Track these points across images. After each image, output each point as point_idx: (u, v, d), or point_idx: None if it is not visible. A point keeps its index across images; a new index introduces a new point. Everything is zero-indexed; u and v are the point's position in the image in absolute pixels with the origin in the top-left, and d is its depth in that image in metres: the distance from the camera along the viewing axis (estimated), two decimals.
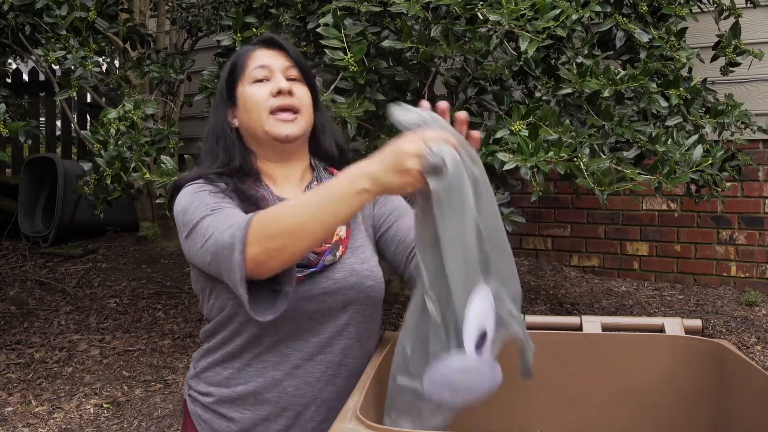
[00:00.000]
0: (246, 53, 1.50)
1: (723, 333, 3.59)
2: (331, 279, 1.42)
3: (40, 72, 6.25)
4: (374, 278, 1.46)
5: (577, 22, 2.60)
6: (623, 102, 2.85)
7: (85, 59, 3.03)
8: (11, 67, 5.90)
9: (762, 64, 3.57)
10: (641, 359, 1.57)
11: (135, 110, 2.81)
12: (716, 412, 1.50)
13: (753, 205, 4.23)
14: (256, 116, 1.44)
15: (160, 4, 4.57)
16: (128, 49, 3.81)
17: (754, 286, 4.19)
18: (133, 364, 3.46)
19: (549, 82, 2.81)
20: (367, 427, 1.05)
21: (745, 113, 3.07)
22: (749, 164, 3.45)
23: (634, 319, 1.81)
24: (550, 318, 1.71)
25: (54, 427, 2.95)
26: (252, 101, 1.45)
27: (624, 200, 4.46)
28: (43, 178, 5.66)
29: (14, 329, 3.89)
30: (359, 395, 1.19)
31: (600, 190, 2.42)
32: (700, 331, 1.60)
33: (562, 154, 2.36)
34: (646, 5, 3.07)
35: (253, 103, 1.45)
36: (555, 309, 3.92)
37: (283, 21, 2.94)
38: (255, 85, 1.46)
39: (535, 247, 4.88)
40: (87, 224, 5.30)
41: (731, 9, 3.38)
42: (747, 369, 1.37)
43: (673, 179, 2.48)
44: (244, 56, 1.50)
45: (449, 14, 2.62)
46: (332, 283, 1.42)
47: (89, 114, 6.49)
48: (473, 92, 2.93)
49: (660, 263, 4.49)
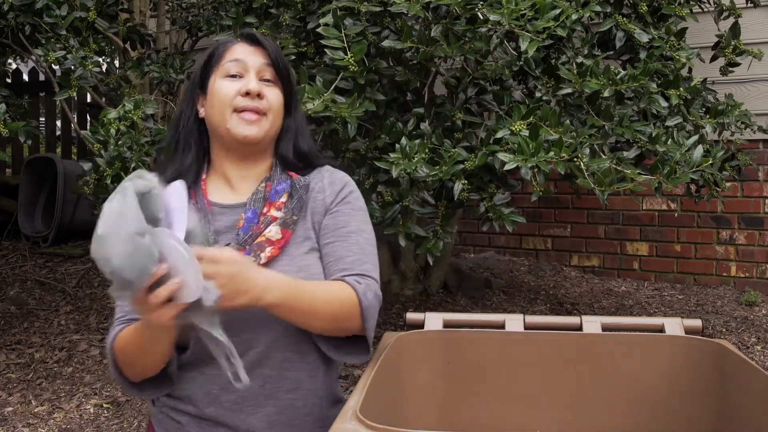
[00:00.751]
0: (225, 45, 1.48)
1: (723, 333, 3.59)
2: None
3: (40, 72, 6.25)
4: None
5: (577, 22, 2.60)
6: (623, 102, 2.85)
7: (85, 59, 3.03)
8: (11, 67, 5.89)
9: (762, 64, 3.56)
10: (641, 359, 1.57)
11: (135, 110, 2.81)
12: (716, 412, 1.50)
13: (753, 205, 4.23)
14: (220, 112, 1.42)
15: (160, 4, 4.57)
16: (128, 49, 3.81)
17: (754, 286, 4.19)
18: None
19: (549, 82, 2.81)
20: (367, 427, 1.05)
21: (745, 113, 3.07)
22: (749, 164, 3.44)
23: (634, 319, 1.81)
24: (550, 318, 1.71)
25: (54, 427, 2.95)
26: (219, 96, 1.43)
27: (624, 200, 4.46)
28: (43, 178, 5.65)
29: (14, 329, 3.89)
30: (359, 395, 1.19)
31: (600, 190, 2.42)
32: (700, 331, 1.60)
33: (563, 154, 2.36)
34: (646, 5, 3.07)
35: (219, 99, 1.43)
36: (555, 309, 3.92)
37: (283, 21, 2.93)
38: (226, 80, 1.43)
39: (535, 247, 4.88)
40: (87, 224, 5.24)
41: (731, 9, 3.38)
42: (747, 369, 1.37)
43: (674, 179, 2.48)
44: (223, 47, 1.48)
45: (449, 14, 2.62)
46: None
47: (89, 114, 6.48)
48: (473, 92, 2.93)
49: (660, 263, 4.49)
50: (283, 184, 1.45)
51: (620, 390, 1.58)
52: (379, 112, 2.77)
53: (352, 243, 1.43)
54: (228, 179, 1.48)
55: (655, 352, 1.57)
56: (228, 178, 1.48)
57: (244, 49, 1.47)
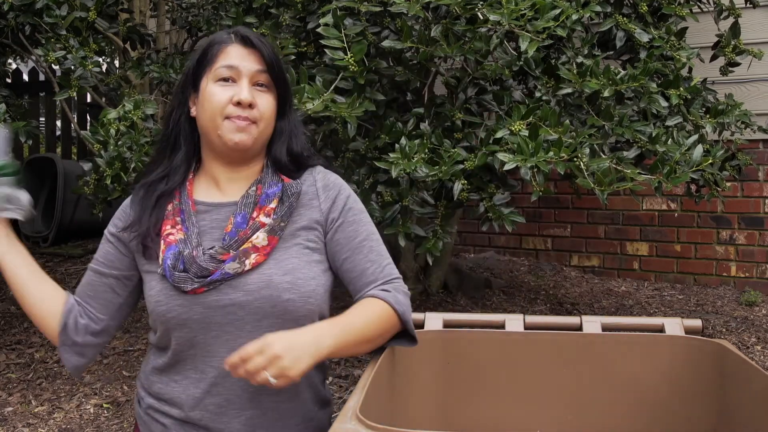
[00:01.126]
0: (219, 46, 1.44)
1: (723, 333, 3.59)
2: (241, 290, 1.37)
3: (40, 72, 6.25)
4: (295, 291, 1.38)
5: (577, 22, 2.59)
6: (623, 102, 2.85)
7: (85, 59, 3.03)
8: (11, 67, 5.89)
9: (762, 64, 3.56)
10: (641, 359, 1.57)
11: (135, 110, 2.81)
12: (716, 412, 1.50)
13: (753, 205, 4.23)
14: (211, 118, 1.41)
15: (160, 4, 4.57)
16: (128, 49, 3.81)
17: (754, 286, 4.19)
18: (133, 364, 3.46)
19: (549, 82, 2.81)
20: (367, 427, 1.05)
21: (745, 113, 3.07)
22: (749, 164, 3.44)
23: (634, 319, 1.81)
24: (550, 318, 1.71)
25: (54, 427, 2.95)
26: (210, 103, 1.41)
27: (624, 200, 4.46)
28: (43, 178, 5.65)
29: (14, 329, 3.89)
30: (359, 395, 1.19)
31: (600, 190, 2.42)
32: (700, 331, 1.60)
33: (562, 154, 2.36)
34: (646, 5, 3.07)
35: (210, 105, 1.41)
36: (555, 309, 3.92)
37: (283, 21, 2.93)
38: (218, 84, 1.41)
39: (535, 247, 4.88)
40: (87, 224, 5.29)
41: (731, 9, 3.38)
42: (747, 369, 1.37)
43: (674, 179, 2.48)
44: (217, 48, 1.44)
45: (449, 14, 2.62)
46: (242, 294, 1.37)
47: (89, 114, 6.48)
48: (473, 92, 2.92)
49: (660, 263, 4.49)
50: (274, 188, 1.43)
51: (620, 390, 1.58)
52: (379, 112, 2.77)
53: (368, 251, 1.45)
54: (216, 181, 1.47)
55: (655, 352, 1.57)
56: (216, 179, 1.47)
57: (237, 52, 1.43)
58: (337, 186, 1.48)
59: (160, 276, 1.40)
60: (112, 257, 1.49)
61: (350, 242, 1.45)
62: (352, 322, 1.35)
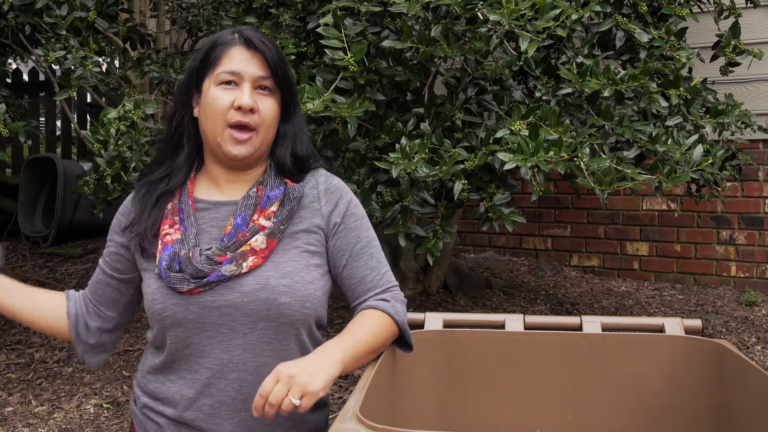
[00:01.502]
0: (223, 47, 1.42)
1: (723, 333, 3.59)
2: (237, 291, 1.37)
3: (40, 72, 6.25)
4: (291, 295, 1.37)
5: (577, 22, 2.59)
6: (623, 102, 2.85)
7: (85, 59, 3.03)
8: (11, 67, 5.89)
9: (762, 64, 3.56)
10: (641, 359, 1.57)
11: (135, 110, 2.81)
12: (716, 412, 1.50)
13: (753, 205, 4.23)
14: (213, 123, 1.40)
15: (160, 4, 4.57)
16: (128, 49, 3.81)
17: (754, 286, 4.19)
18: (133, 364, 3.46)
19: (549, 82, 2.81)
20: (367, 427, 1.05)
21: (745, 113, 3.07)
22: (749, 164, 3.44)
23: (634, 319, 1.81)
24: (550, 318, 1.71)
25: (54, 427, 2.95)
26: (212, 107, 1.40)
27: (624, 200, 4.46)
28: (43, 178, 5.65)
29: (14, 329, 3.89)
30: (359, 395, 1.19)
31: (600, 189, 2.42)
32: (700, 331, 1.60)
33: (563, 154, 2.36)
34: (646, 5, 3.07)
35: (212, 110, 1.40)
36: (555, 309, 3.92)
37: (283, 21, 2.94)
38: (220, 88, 1.40)
39: (535, 247, 4.88)
40: (87, 224, 5.29)
41: (731, 9, 3.38)
42: (747, 369, 1.37)
43: (674, 179, 2.48)
44: (220, 51, 1.42)
45: (449, 14, 2.62)
46: (238, 296, 1.36)
47: (89, 114, 6.48)
48: (473, 92, 2.92)
49: (660, 263, 4.49)
50: (276, 191, 1.43)
51: (620, 390, 1.58)
52: (379, 112, 2.77)
53: (368, 258, 1.46)
54: (217, 182, 1.47)
55: (655, 352, 1.57)
56: (217, 181, 1.47)
57: (241, 56, 1.41)
58: (339, 190, 1.48)
59: (156, 275, 1.41)
60: (115, 260, 1.52)
61: (351, 248, 1.45)
62: (357, 336, 1.36)
